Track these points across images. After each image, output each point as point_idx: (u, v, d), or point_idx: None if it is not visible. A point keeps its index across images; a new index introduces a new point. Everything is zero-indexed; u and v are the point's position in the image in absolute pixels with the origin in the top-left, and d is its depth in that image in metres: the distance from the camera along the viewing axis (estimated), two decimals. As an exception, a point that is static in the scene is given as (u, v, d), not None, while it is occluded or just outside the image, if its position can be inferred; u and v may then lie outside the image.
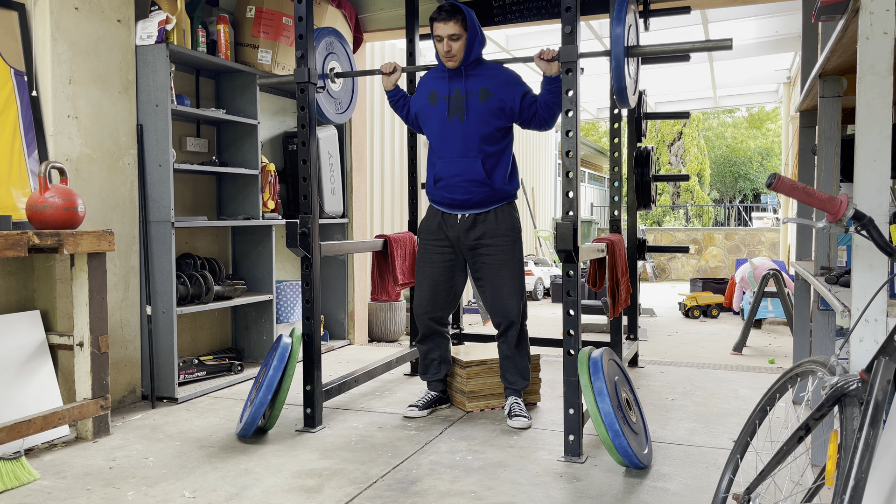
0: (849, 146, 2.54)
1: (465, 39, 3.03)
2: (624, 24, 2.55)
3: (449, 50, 3.02)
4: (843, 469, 1.26)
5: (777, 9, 5.54)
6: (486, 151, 3.07)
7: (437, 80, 3.16)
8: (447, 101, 3.10)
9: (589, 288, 5.65)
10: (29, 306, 3.10)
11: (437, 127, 3.12)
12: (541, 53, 2.89)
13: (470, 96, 3.07)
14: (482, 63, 3.15)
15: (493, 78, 3.09)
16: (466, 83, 3.08)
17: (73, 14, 3.14)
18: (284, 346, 2.95)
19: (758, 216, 16.56)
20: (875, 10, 1.49)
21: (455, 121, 3.08)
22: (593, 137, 21.30)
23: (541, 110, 3.03)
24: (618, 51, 2.54)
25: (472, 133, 3.06)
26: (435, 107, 3.14)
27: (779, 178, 1.42)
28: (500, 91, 3.06)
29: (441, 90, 3.13)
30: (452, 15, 2.99)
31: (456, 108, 3.08)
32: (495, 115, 3.06)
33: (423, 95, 3.21)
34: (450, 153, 3.09)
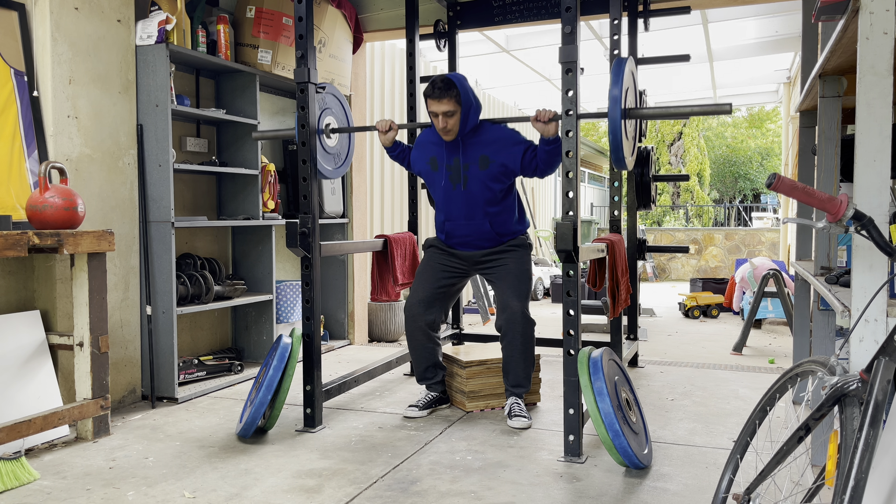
0: (849, 146, 2.54)
1: (459, 114, 3.05)
2: (621, 85, 2.56)
3: (445, 126, 3.05)
4: (843, 469, 1.26)
5: (777, 9, 5.54)
6: (491, 213, 3.17)
7: (437, 147, 3.20)
8: (448, 170, 3.16)
9: (589, 288, 5.65)
10: (29, 306, 3.10)
11: (442, 192, 3.20)
12: (537, 115, 2.89)
13: (470, 165, 3.12)
14: (479, 128, 3.16)
15: (492, 143, 3.12)
16: (465, 153, 3.13)
17: (73, 14, 3.14)
18: (284, 346, 2.95)
19: (758, 216, 16.56)
20: (875, 10, 1.49)
21: (458, 188, 3.15)
22: (593, 137, 21.30)
23: (541, 164, 3.07)
24: (615, 114, 2.54)
25: (476, 199, 3.15)
26: (437, 173, 3.20)
27: (779, 178, 1.42)
28: (500, 156, 3.10)
29: (441, 158, 3.18)
30: (446, 92, 2.99)
31: (457, 177, 3.15)
32: (497, 180, 3.13)
33: (423, 158, 3.25)
34: (456, 216, 3.20)
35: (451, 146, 3.13)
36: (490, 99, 9.25)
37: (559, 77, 5.92)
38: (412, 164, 3.36)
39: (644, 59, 4.17)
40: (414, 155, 3.33)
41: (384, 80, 6.44)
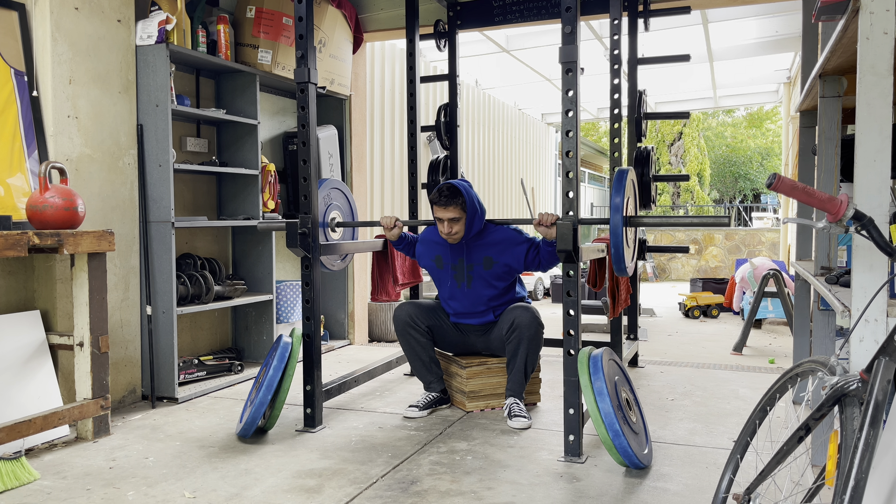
0: (849, 146, 2.54)
1: (464, 220, 3.15)
2: (623, 195, 2.61)
3: (450, 231, 3.15)
4: (843, 469, 1.26)
5: (777, 9, 5.54)
6: (494, 305, 3.30)
7: (441, 247, 3.32)
8: (453, 269, 3.27)
9: (589, 288, 5.65)
10: (29, 306, 3.10)
11: (448, 288, 3.33)
12: (541, 220, 2.95)
13: (475, 266, 3.23)
14: (483, 230, 3.25)
15: (495, 245, 3.22)
16: (469, 254, 3.24)
17: (73, 14, 3.14)
18: (284, 346, 2.95)
19: (758, 216, 16.56)
20: (875, 10, 1.48)
21: (463, 286, 3.27)
22: (593, 137, 21.29)
23: (544, 262, 3.17)
24: (616, 221, 2.59)
25: (481, 296, 3.27)
26: (442, 271, 3.32)
27: (779, 178, 1.42)
28: (503, 257, 3.21)
29: (446, 257, 3.29)
30: (451, 199, 3.09)
31: (461, 276, 3.26)
32: (500, 279, 3.24)
33: (429, 255, 3.38)
34: (462, 310, 3.33)
35: (455, 247, 3.25)
36: (490, 99, 9.25)
37: (559, 77, 5.92)
38: (418, 259, 3.49)
39: (644, 59, 4.17)
40: (419, 250, 3.45)
41: (384, 80, 6.44)
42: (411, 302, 3.38)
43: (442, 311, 3.41)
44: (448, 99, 4.24)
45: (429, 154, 7.04)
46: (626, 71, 4.14)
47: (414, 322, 3.29)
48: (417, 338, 3.32)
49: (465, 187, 3.13)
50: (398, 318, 3.32)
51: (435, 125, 4.21)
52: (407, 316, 3.30)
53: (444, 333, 3.39)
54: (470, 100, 8.50)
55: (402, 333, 3.33)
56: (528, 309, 3.16)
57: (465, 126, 8.33)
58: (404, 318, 3.31)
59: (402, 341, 3.34)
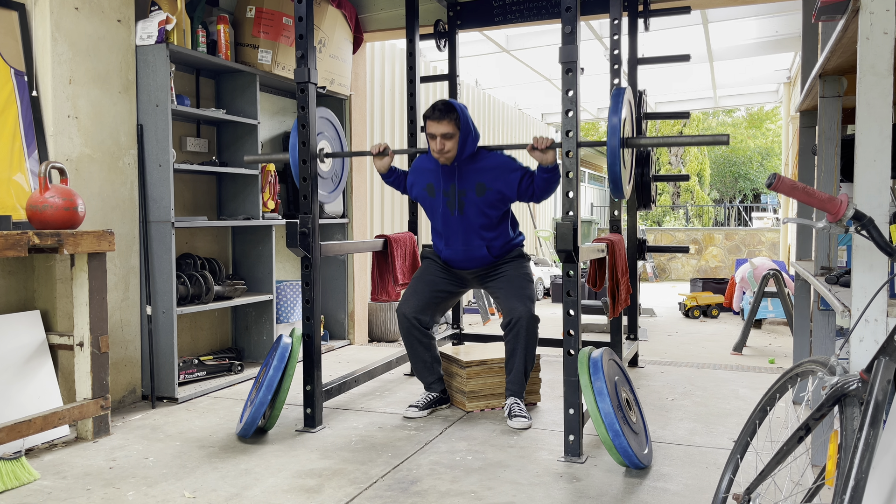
0: (849, 146, 2.54)
1: (458, 138, 3.07)
2: (620, 115, 2.58)
3: (442, 148, 3.06)
4: (843, 469, 1.26)
5: (777, 9, 5.54)
6: (487, 237, 3.21)
7: (433, 173, 3.23)
8: (444, 196, 3.19)
9: (589, 288, 5.65)
10: (29, 306, 3.10)
11: (440, 217, 3.24)
12: (535, 143, 2.89)
13: (467, 192, 3.15)
14: (476, 155, 3.18)
15: (488, 171, 3.14)
16: (461, 179, 3.15)
17: (73, 14, 3.14)
18: (284, 346, 2.95)
19: (758, 216, 16.56)
20: (875, 10, 1.49)
21: (455, 213, 3.18)
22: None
23: (537, 191, 3.10)
24: (613, 142, 2.56)
25: (473, 224, 3.18)
26: (434, 199, 3.24)
27: (779, 178, 1.42)
28: (496, 183, 3.13)
29: (437, 184, 3.21)
30: (446, 114, 3.02)
31: (454, 203, 3.17)
32: (493, 206, 3.16)
33: (420, 184, 3.29)
34: (454, 240, 3.24)
35: (447, 172, 3.16)
36: (490, 99, 9.25)
37: (559, 77, 5.92)
38: (409, 190, 3.41)
39: (644, 59, 4.17)
40: (410, 180, 3.37)
41: (384, 80, 6.44)
42: (413, 294, 3.29)
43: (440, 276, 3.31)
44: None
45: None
46: (626, 71, 4.14)
47: (417, 322, 3.25)
48: (420, 338, 3.28)
49: (460, 106, 3.07)
50: (402, 317, 3.26)
51: (435, 125, 4.20)
52: (411, 315, 3.24)
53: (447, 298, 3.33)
54: (470, 100, 8.51)
55: (405, 334, 3.30)
56: (525, 298, 3.13)
57: (465, 126, 8.31)
58: (408, 317, 3.24)
59: (406, 341, 3.32)
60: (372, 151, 3.26)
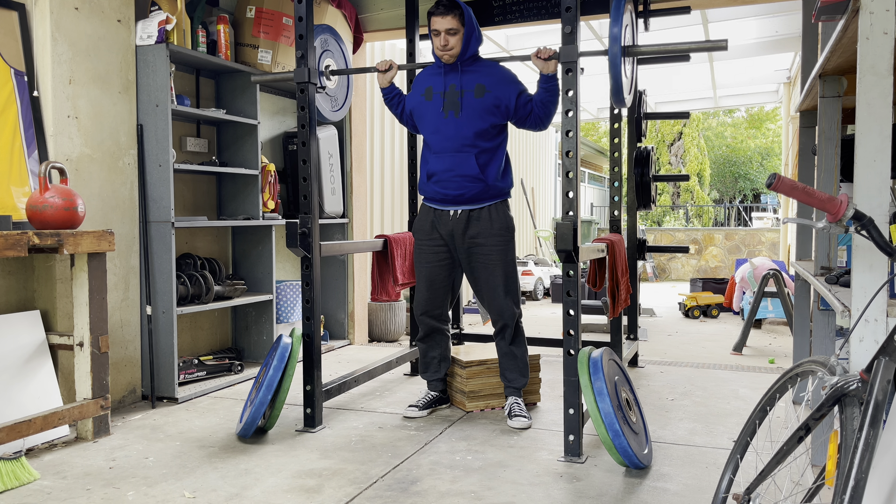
0: (849, 146, 2.54)
1: (462, 34, 3.03)
2: (621, 23, 2.56)
3: (446, 44, 3.02)
4: (843, 469, 1.26)
5: (777, 9, 5.54)
6: (480, 147, 3.06)
7: (433, 76, 3.16)
8: (442, 97, 3.10)
9: (589, 288, 5.65)
10: (29, 306, 3.10)
11: (432, 122, 3.12)
12: (537, 52, 2.87)
13: (465, 92, 3.06)
14: (479, 60, 3.14)
15: (490, 75, 3.08)
16: (462, 78, 3.08)
17: (73, 14, 3.14)
18: (284, 346, 2.95)
19: (758, 216, 16.56)
20: (875, 10, 1.49)
21: (450, 116, 3.07)
22: (593, 137, 21.29)
23: (536, 109, 3.03)
24: (614, 50, 2.55)
25: (467, 128, 3.05)
26: (430, 102, 3.14)
27: (779, 178, 1.42)
28: (496, 88, 3.06)
29: (436, 86, 3.13)
30: (450, 9, 3.00)
31: (451, 104, 3.08)
32: (490, 112, 3.05)
33: (418, 92, 3.20)
34: (444, 148, 3.08)
35: (448, 72, 3.10)
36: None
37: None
38: (406, 104, 3.29)
39: (644, 59, 4.17)
40: (409, 95, 3.28)
41: (384, 80, 6.43)
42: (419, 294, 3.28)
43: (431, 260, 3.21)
44: (448, 99, 4.23)
45: (429, 154, 7.03)
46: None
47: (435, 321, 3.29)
48: (440, 339, 3.34)
49: (464, 4, 3.04)
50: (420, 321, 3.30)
51: (435, 125, 4.20)
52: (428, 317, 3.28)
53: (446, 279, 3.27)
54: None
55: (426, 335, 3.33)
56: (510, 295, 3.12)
57: (465, 126, 8.31)
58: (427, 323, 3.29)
59: (425, 339, 3.34)
60: (378, 67, 3.23)
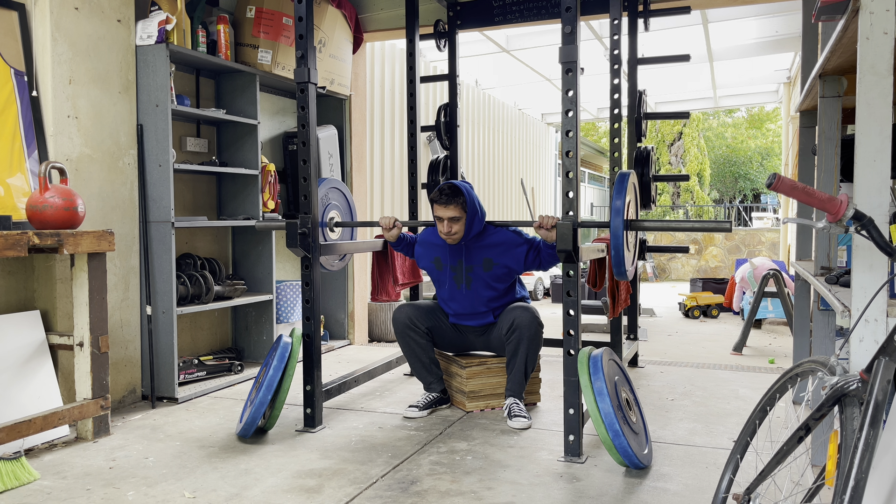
0: (849, 146, 2.54)
1: (464, 220, 3.14)
2: (625, 198, 2.61)
3: (450, 230, 3.14)
4: (843, 469, 1.26)
5: (777, 9, 5.54)
6: (494, 307, 3.29)
7: (441, 248, 3.30)
8: (452, 271, 3.26)
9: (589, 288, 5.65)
10: (29, 306, 3.10)
11: (447, 289, 3.32)
12: (541, 222, 2.93)
13: (474, 267, 3.22)
14: (482, 231, 3.24)
15: (495, 247, 3.21)
16: (468, 256, 3.23)
17: (73, 14, 3.14)
18: (284, 346, 2.95)
19: (758, 216, 16.56)
20: (875, 10, 1.48)
21: (462, 287, 3.26)
22: (593, 137, 21.29)
23: (544, 263, 3.18)
24: (616, 223, 2.57)
25: (480, 297, 3.26)
26: (441, 272, 3.31)
27: (779, 178, 1.42)
28: (503, 258, 3.20)
29: (445, 259, 3.28)
30: (452, 198, 3.09)
31: (461, 278, 3.25)
32: (500, 280, 3.23)
33: (428, 257, 3.36)
34: (461, 309, 3.31)
35: (455, 248, 3.24)
36: (490, 99, 9.25)
37: (559, 77, 5.91)
38: (417, 260, 3.48)
39: (644, 59, 4.17)
40: (418, 251, 3.44)
41: (384, 80, 6.44)
42: (410, 304, 3.38)
43: (441, 311, 3.40)
44: (448, 99, 4.24)
45: (429, 154, 7.04)
46: (626, 71, 4.14)
47: (413, 324, 3.29)
48: (417, 339, 3.31)
49: (466, 188, 3.13)
50: (397, 321, 3.31)
51: (435, 125, 4.21)
52: (406, 318, 3.30)
53: (443, 334, 3.38)
54: (470, 100, 8.50)
55: (401, 335, 3.33)
56: (528, 309, 3.16)
57: (465, 126, 8.33)
58: (403, 321, 3.30)
59: (402, 343, 3.34)
60: (381, 224, 3.36)
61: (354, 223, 3.44)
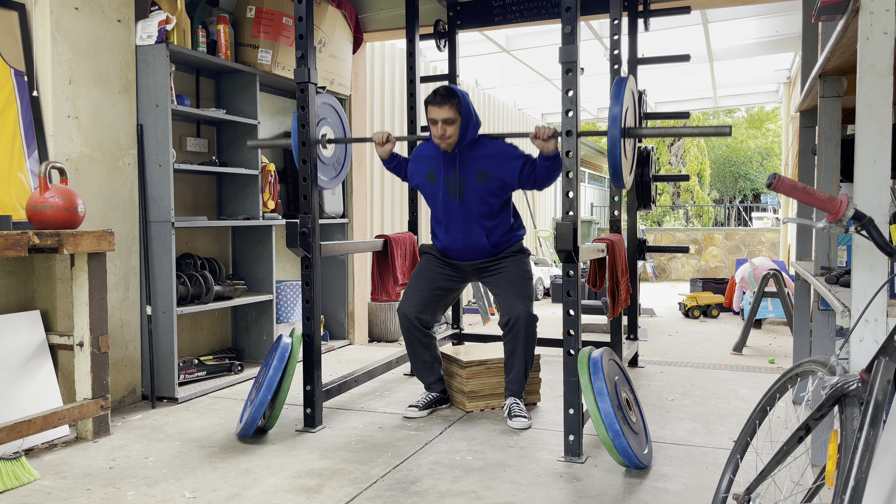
0: (849, 146, 2.54)
1: (459, 123, 3.06)
2: (622, 105, 2.56)
3: (443, 133, 3.05)
4: (843, 469, 1.26)
5: (777, 9, 5.54)
6: (487, 226, 3.19)
7: (434, 160, 3.22)
8: (445, 183, 3.17)
9: (589, 288, 5.65)
10: (29, 306, 3.10)
11: (440, 205, 3.22)
12: (537, 132, 2.88)
13: (467, 179, 3.13)
14: (477, 142, 3.17)
15: (489, 158, 3.13)
16: (462, 166, 3.14)
17: (73, 14, 3.14)
18: (284, 346, 2.95)
19: (758, 216, 16.56)
20: (875, 10, 1.49)
21: (455, 201, 3.16)
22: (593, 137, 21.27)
23: (539, 179, 3.09)
24: (614, 132, 2.54)
25: (473, 212, 3.16)
26: (434, 186, 3.22)
27: (779, 178, 1.42)
28: (497, 171, 3.11)
29: (438, 171, 3.19)
30: (447, 99, 3.02)
31: (454, 190, 3.16)
32: (494, 195, 3.14)
33: (421, 172, 3.27)
34: (453, 228, 3.21)
35: (448, 159, 3.15)
36: (490, 99, 9.25)
37: (559, 77, 5.92)
38: (410, 177, 3.39)
39: (644, 59, 4.17)
40: (411, 168, 3.35)
41: (384, 80, 6.44)
42: (413, 293, 3.28)
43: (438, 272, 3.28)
44: (448, 99, 4.23)
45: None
46: (626, 71, 4.14)
47: (419, 322, 3.23)
48: (421, 338, 3.27)
49: (462, 92, 3.06)
50: (402, 316, 3.25)
51: (435, 125, 4.19)
52: (412, 316, 3.22)
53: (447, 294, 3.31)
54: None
55: (406, 334, 3.29)
56: (524, 297, 3.11)
57: (465, 126, 8.30)
58: (409, 319, 3.23)
59: (407, 341, 3.31)
60: (374, 140, 3.25)
61: (348, 139, 3.31)
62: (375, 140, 3.25)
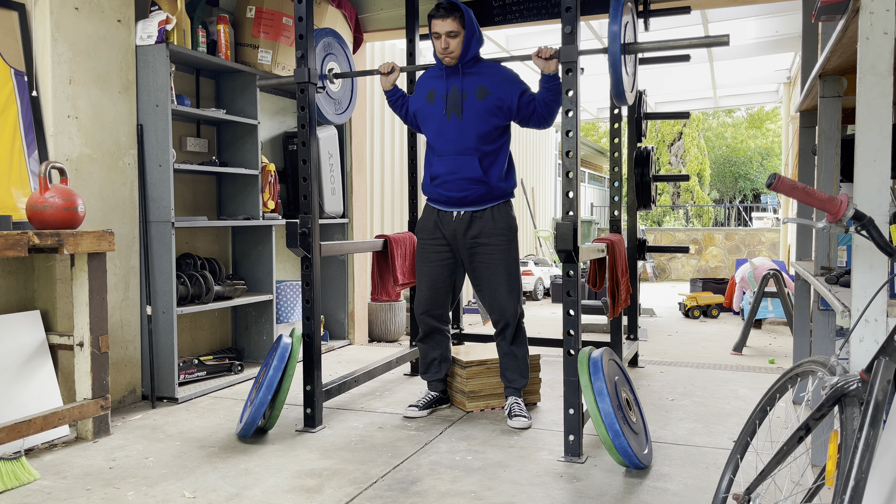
0: (849, 146, 2.54)
1: (462, 37, 3.03)
2: (620, 21, 2.55)
3: (447, 47, 3.02)
4: (843, 469, 1.26)
5: (777, 9, 5.54)
6: (482, 150, 3.07)
7: (435, 79, 3.16)
8: (445, 100, 3.11)
9: (589, 288, 5.64)
10: (29, 306, 3.10)
11: (435, 125, 3.13)
12: (539, 52, 2.88)
13: (467, 94, 3.07)
14: (480, 61, 3.14)
15: (491, 76, 3.09)
16: (463, 81, 3.09)
17: (73, 14, 3.14)
18: (284, 346, 2.95)
19: (758, 216, 16.56)
20: (875, 10, 1.49)
21: (453, 119, 3.08)
22: (593, 137, 21.29)
23: (539, 108, 3.03)
24: (614, 48, 2.53)
25: (470, 131, 3.06)
26: (433, 105, 3.14)
27: (779, 178, 1.42)
28: (498, 89, 3.06)
29: (439, 89, 3.13)
30: (450, 12, 3.00)
31: (453, 107, 3.08)
32: (493, 114, 3.06)
33: (421, 94, 3.21)
34: (447, 151, 3.09)
35: (450, 75, 3.11)
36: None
37: (559, 77, 5.90)
38: (410, 105, 3.30)
39: (644, 59, 4.17)
40: (412, 97, 3.29)
41: (384, 80, 6.43)
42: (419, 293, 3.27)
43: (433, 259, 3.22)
44: (448, 99, 4.23)
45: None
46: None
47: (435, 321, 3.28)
48: (440, 339, 3.34)
49: (465, 7, 3.05)
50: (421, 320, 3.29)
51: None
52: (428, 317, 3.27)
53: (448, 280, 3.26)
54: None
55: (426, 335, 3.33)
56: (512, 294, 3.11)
57: (465, 126, 8.31)
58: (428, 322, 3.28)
59: (425, 338, 3.34)
60: (380, 70, 3.24)
61: (353, 73, 3.34)
62: (381, 70, 3.24)
